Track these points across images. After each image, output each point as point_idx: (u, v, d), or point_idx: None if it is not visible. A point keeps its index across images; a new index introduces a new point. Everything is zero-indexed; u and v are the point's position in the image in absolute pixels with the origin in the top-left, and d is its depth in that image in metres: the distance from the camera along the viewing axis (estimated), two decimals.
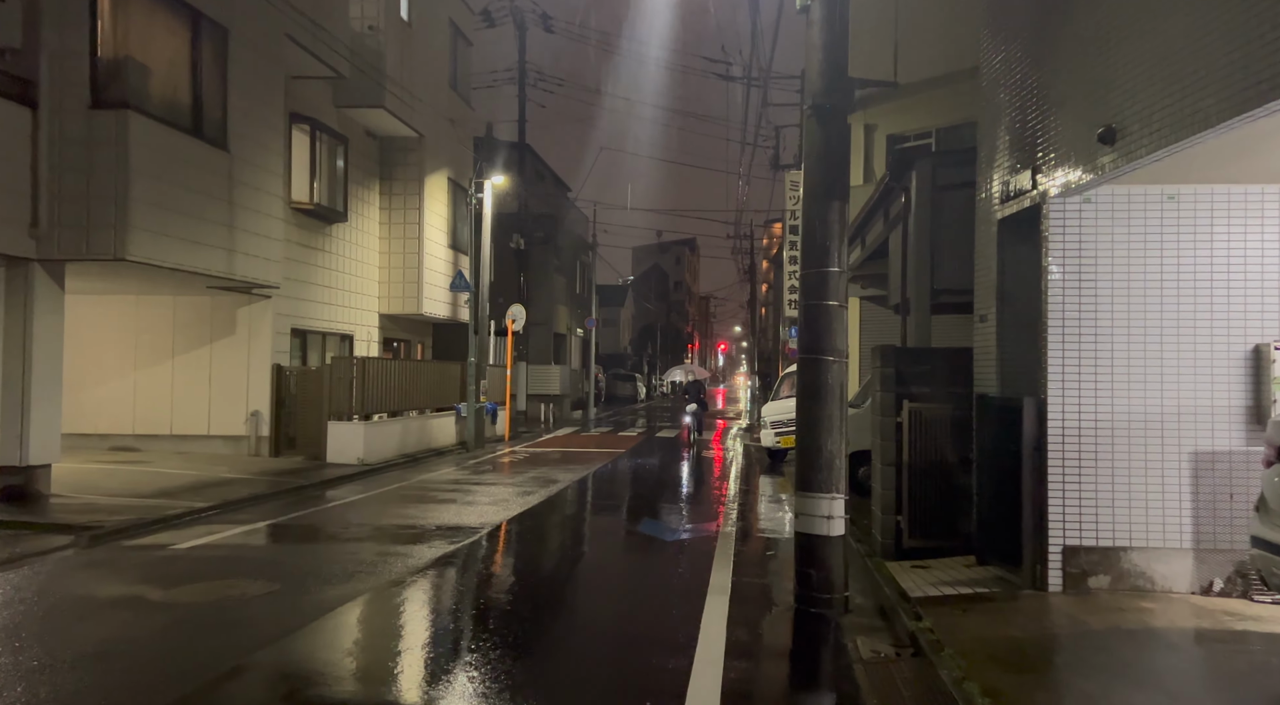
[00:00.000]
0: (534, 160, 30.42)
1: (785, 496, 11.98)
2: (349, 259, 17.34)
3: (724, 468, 15.67)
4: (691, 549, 8.23)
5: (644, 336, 62.33)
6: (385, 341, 19.32)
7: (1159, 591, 5.94)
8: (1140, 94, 4.87)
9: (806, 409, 6.35)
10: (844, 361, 6.37)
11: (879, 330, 15.28)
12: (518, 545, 8.40)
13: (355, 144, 17.36)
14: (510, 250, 27.79)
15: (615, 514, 10.62)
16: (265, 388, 14.44)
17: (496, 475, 13.71)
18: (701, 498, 11.84)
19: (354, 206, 17.42)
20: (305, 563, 7.28)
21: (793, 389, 17.82)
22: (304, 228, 15.47)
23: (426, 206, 18.96)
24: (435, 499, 11.11)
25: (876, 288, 14.72)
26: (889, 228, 10.11)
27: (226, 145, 11.53)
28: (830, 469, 6.21)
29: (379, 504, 10.76)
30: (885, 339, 15.21)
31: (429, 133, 18.83)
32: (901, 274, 8.54)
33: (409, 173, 18.77)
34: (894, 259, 10.21)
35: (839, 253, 6.30)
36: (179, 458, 13.75)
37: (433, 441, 17.41)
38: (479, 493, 11.58)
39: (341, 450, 14.30)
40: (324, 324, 16.37)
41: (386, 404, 15.51)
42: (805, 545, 6.19)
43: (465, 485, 12.41)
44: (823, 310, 6.31)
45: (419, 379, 17.11)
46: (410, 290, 18.79)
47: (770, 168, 31.39)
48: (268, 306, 14.41)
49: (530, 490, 11.84)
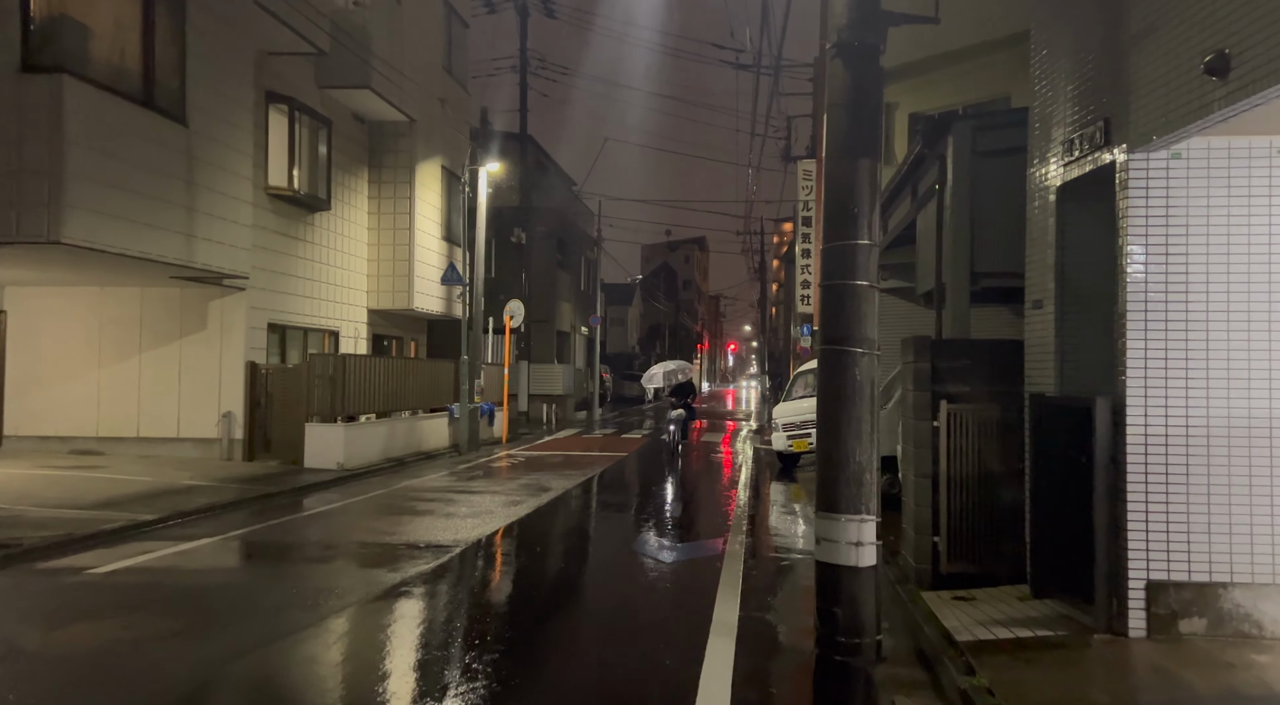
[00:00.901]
0: (536, 152, 29.39)
1: (799, 506, 10.87)
2: (334, 250, 16.31)
3: (732, 473, 14.56)
4: (693, 573, 7.14)
5: (652, 336, 61.24)
6: (375, 338, 18.30)
7: (1268, 638, 4.80)
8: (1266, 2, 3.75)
9: (829, 411, 5.24)
10: (874, 354, 5.26)
11: (901, 326, 14.11)
12: (490, 570, 7.32)
13: (341, 128, 16.34)
14: (511, 245, 26.76)
15: (609, 528, 9.53)
16: (239, 387, 13.41)
17: (485, 482, 12.64)
18: (707, 508, 10.73)
19: (339, 194, 16.39)
20: (232, 594, 6.22)
21: (807, 389, 16.69)
22: (283, 215, 14.45)
23: (418, 196, 17.92)
24: (412, 510, 10.04)
25: (899, 278, 13.57)
26: (918, 206, 9.00)
27: (184, 119, 10.50)
28: (859, 485, 5.10)
29: (348, 516, 9.71)
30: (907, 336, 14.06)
31: (421, 117, 17.80)
32: (936, 256, 7.42)
33: (399, 160, 17.73)
34: (924, 242, 9.10)
35: (869, 222, 5.20)
36: (143, 463, 12.73)
37: (423, 444, 16.37)
38: (461, 503, 10.51)
39: (320, 454, 13.26)
40: (305, 319, 15.34)
41: (371, 404, 14.47)
42: (828, 578, 5.08)
43: (449, 494, 11.35)
44: (849, 292, 5.20)
45: (409, 378, 16.07)
46: (401, 284, 17.75)
47: (782, 159, 30.28)
48: (241, 299, 13.38)
49: (518, 500, 10.77)
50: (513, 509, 10.03)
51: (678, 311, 70.48)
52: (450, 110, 18.79)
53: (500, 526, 8.90)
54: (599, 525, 9.59)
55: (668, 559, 7.56)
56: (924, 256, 9.00)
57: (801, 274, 21.74)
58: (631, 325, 58.46)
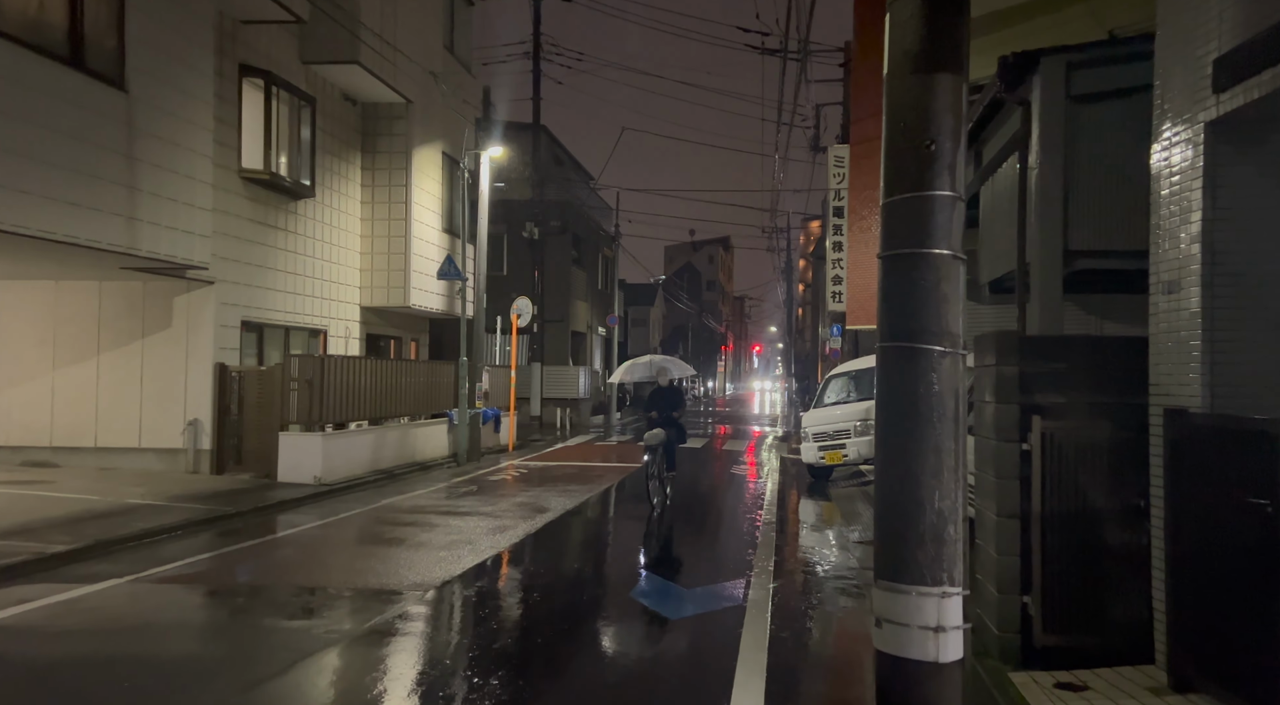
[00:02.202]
0: (550, 143, 27.98)
1: (834, 530, 9.30)
2: (321, 242, 14.95)
3: (756, 488, 12.99)
4: (706, 636, 5.61)
5: (675, 337, 59.70)
6: (369, 338, 16.92)
7: None
8: None
9: (893, 435, 3.69)
10: (960, 354, 3.69)
11: None
12: (446, 630, 5.82)
13: (329, 108, 14.98)
14: (524, 240, 25.35)
15: (608, 565, 8.02)
16: (207, 392, 12.06)
17: (477, 500, 11.18)
18: (726, 534, 9.19)
19: (327, 181, 15.02)
20: (74, 677, 4.77)
21: (840, 394, 15.09)
22: (259, 202, 13.08)
23: (416, 184, 16.52)
24: (378, 538, 8.59)
25: None
26: (982, 176, 7.42)
27: (123, 83, 9.12)
28: (938, 542, 3.55)
29: (299, 547, 8.28)
30: None
31: (418, 99, 16.40)
32: (1019, 232, 5.83)
33: (394, 145, 16.34)
34: (992, 219, 7.52)
35: (952, 164, 3.64)
36: (96, 477, 11.40)
37: (417, 454, 14.96)
38: (440, 528, 9.04)
39: (295, 467, 11.88)
40: (287, 316, 13.98)
41: (356, 411, 13.07)
42: (894, 677, 3.53)
43: (430, 515, 9.89)
44: (922, 265, 3.65)
45: (403, 381, 14.67)
46: (396, 280, 16.36)
47: (810, 150, 28.66)
48: (210, 294, 12.03)
49: (506, 525, 9.29)
50: (497, 538, 8.54)
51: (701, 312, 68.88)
52: (451, 90, 17.38)
53: (474, 564, 7.40)
54: (595, 560, 8.07)
55: (676, 615, 6.03)
56: (991, 237, 7.43)
57: (832, 269, 20.12)
58: (654, 326, 56.95)
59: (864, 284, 17.64)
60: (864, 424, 13.60)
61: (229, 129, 12.27)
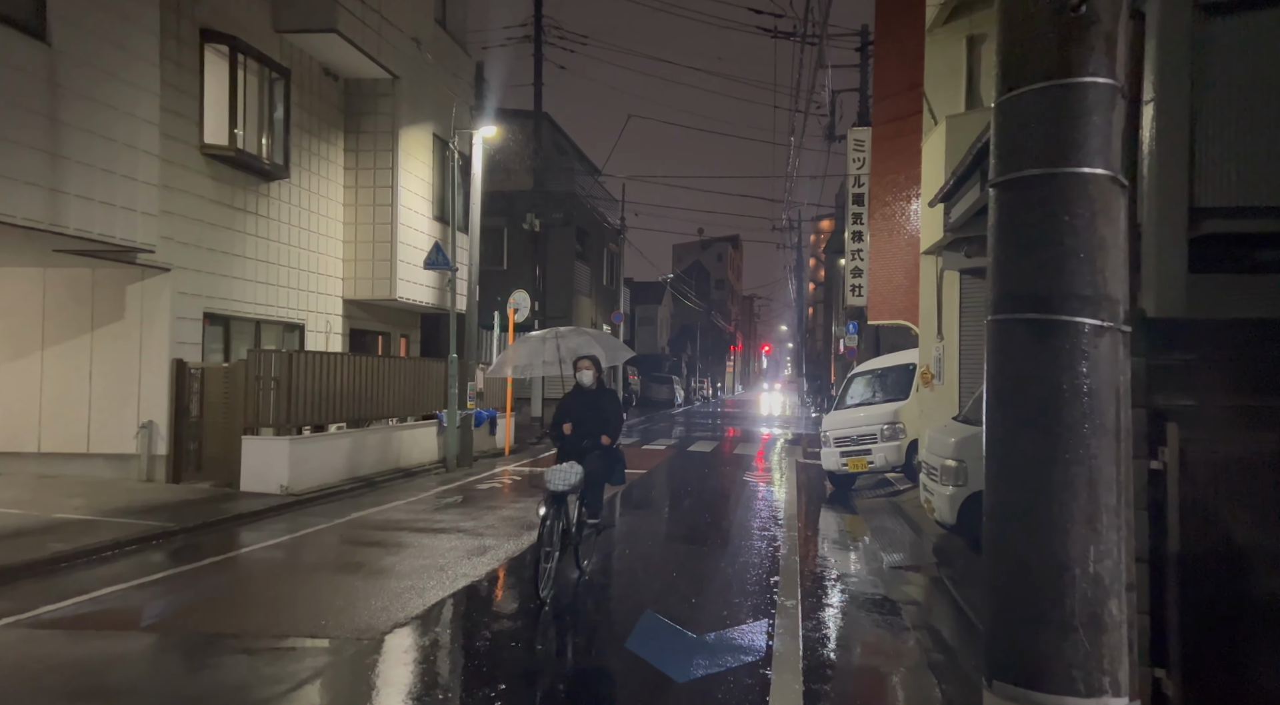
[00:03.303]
0: (552, 131, 26.74)
1: (864, 554, 8.01)
2: (298, 228, 13.73)
3: (771, 501, 11.70)
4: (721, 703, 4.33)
5: (683, 336, 58.40)
6: (353, 334, 15.69)
7: None
8: None
9: (1015, 457, 2.41)
10: (1122, 331, 2.39)
11: None
12: (383, 701, 4.56)
13: (307, 83, 13.76)
14: (525, 233, 24.12)
15: (600, 598, 6.74)
16: (163, 390, 10.84)
17: (460, 513, 9.93)
18: (742, 558, 7.90)
19: (304, 161, 13.80)
20: None
21: (866, 393, 13.77)
22: (225, 182, 11.86)
23: (403, 166, 15.29)
24: (335, 563, 7.35)
25: None
26: None
27: (43, 33, 7.89)
28: (1095, 627, 2.27)
29: (235, 576, 7.04)
30: None
31: (406, 75, 15.17)
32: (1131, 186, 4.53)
33: (379, 124, 15.12)
34: None
35: (1111, 35, 2.35)
36: (35, 485, 10.18)
37: (403, 459, 13.72)
38: (409, 551, 7.79)
39: (260, 475, 10.65)
40: (258, 309, 12.76)
41: (332, 412, 11.84)
42: None
43: (402, 533, 8.64)
44: (1066, 191, 2.35)
45: (387, 380, 13.43)
46: (382, 270, 15.13)
47: (825, 139, 27.33)
48: (165, 282, 10.81)
49: (488, 544, 8.02)
50: (472, 563, 7.27)
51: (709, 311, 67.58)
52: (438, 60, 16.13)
53: (436, 601, 6.13)
54: (584, 592, 6.80)
55: (682, 676, 4.74)
56: None
57: (851, 261, 18.81)
58: (661, 325, 55.68)
59: (886, 276, 16.33)
60: (891, 428, 12.31)
61: (189, 99, 11.06)
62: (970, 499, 7.79)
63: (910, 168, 15.92)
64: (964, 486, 7.81)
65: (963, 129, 10.33)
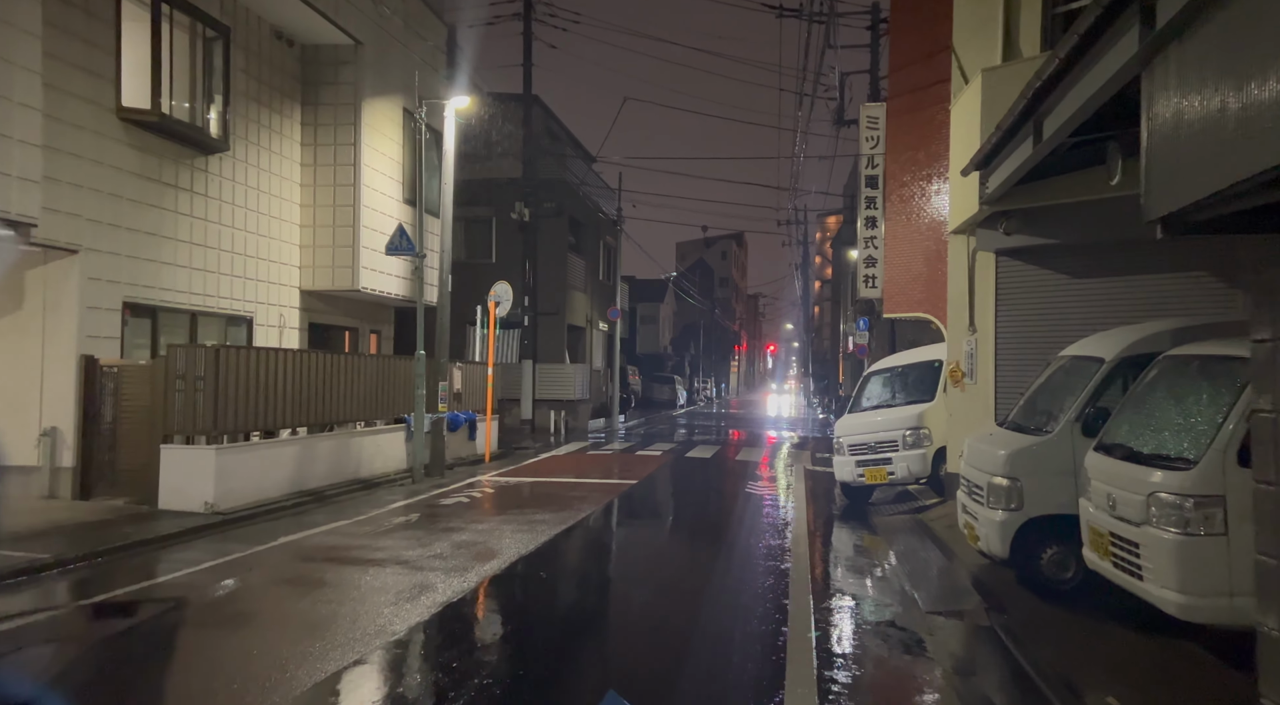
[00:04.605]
0: (544, 115, 25.18)
1: (895, 595, 6.45)
2: (245, 209, 12.21)
3: (778, 518, 10.14)
4: None
5: (686, 335, 56.82)
6: (313, 329, 14.17)
7: None
8: None
9: None
10: None
11: (1032, 305, 9.63)
12: None
13: (253, 46, 12.24)
14: (514, 224, 22.60)
15: (559, 659, 5.18)
16: (69, 392, 9.34)
17: (409, 537, 8.38)
18: (741, 602, 6.35)
19: (251, 134, 12.29)
20: None
21: (884, 394, 12.15)
22: (149, 152, 10.34)
23: (367, 142, 13.77)
24: (217, 616, 5.79)
25: (1032, 233, 9.10)
26: (1158, 41, 4.53)
27: None
28: None
29: (78, 635, 5.51)
30: (1042, 317, 9.58)
31: (371, 41, 13.66)
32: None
33: (340, 95, 13.60)
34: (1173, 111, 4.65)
35: None
36: None
37: (364, 469, 12.19)
38: (328, 592, 6.25)
39: (181, 490, 9.15)
40: (194, 299, 11.25)
41: (274, 416, 10.31)
42: None
43: (328, 567, 7.10)
44: None
45: (346, 380, 11.89)
46: (344, 258, 13.61)
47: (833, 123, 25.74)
48: (73, 266, 9.32)
49: (429, 582, 6.48)
50: (400, 612, 5.72)
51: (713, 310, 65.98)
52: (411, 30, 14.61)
53: (326, 677, 4.59)
54: (542, 650, 5.25)
55: None
56: (1176, 140, 4.58)
57: (864, 249, 17.22)
58: (664, 324, 54.12)
59: (904, 265, 14.76)
60: (915, 434, 10.74)
61: (102, 55, 9.56)
62: (1027, 527, 6.24)
63: (931, 143, 14.37)
64: (1019, 510, 6.25)
65: (1002, 83, 8.79)
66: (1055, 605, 5.94)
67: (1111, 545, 5.17)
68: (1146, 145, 4.83)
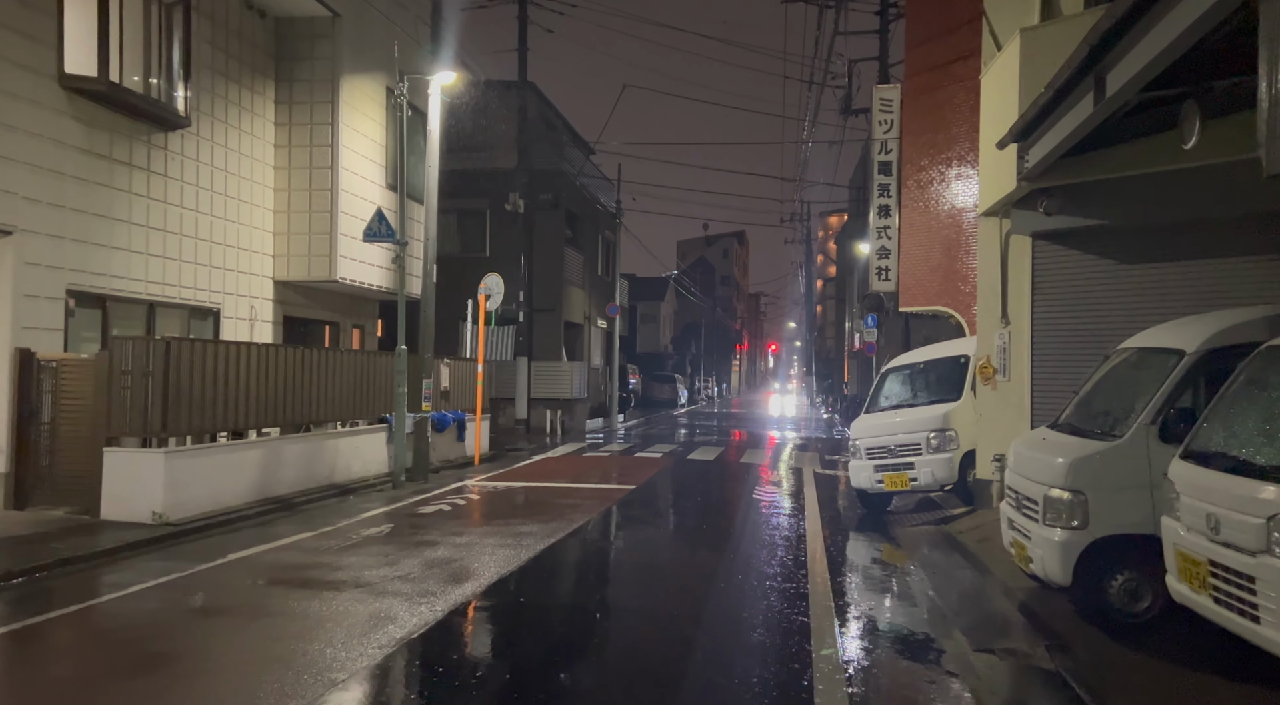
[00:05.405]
0: (539, 103, 24.23)
1: (920, 609, 5.49)
2: (210, 191, 11.26)
3: (789, 530, 9.18)
4: None
5: (687, 334, 55.85)
6: (289, 322, 13.22)
7: None
8: None
9: None
10: None
11: (1073, 294, 8.66)
12: None
13: (220, 16, 11.29)
14: (509, 216, 21.67)
15: None
16: (1, 390, 8.39)
17: (377, 553, 7.43)
18: (751, 628, 5.41)
19: (218, 110, 11.34)
20: None
21: (904, 393, 11.14)
22: (98, 126, 9.40)
23: (346, 122, 12.82)
24: (127, 657, 4.83)
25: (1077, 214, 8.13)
26: None
27: None
28: None
29: None
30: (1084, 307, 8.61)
31: (349, 14, 12.71)
32: None
33: (317, 71, 12.64)
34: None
35: None
36: None
37: (339, 473, 11.24)
38: (267, 623, 5.30)
39: (126, 498, 8.21)
40: (152, 288, 10.30)
41: (235, 416, 9.36)
42: None
43: (276, 590, 6.15)
44: None
45: (321, 377, 10.93)
46: (320, 245, 12.66)
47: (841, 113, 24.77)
48: (6, 250, 8.37)
49: (389, 612, 5.52)
50: (354, 649, 4.77)
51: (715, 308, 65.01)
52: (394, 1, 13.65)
53: None
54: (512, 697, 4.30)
55: None
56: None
57: (877, 240, 16.28)
58: (664, 322, 53.16)
59: (922, 255, 13.82)
60: (939, 436, 9.79)
61: (42, 17, 8.62)
62: (1093, 548, 5.28)
63: (950, 125, 13.41)
64: (1083, 529, 5.29)
65: (1044, 43, 7.84)
66: (1129, 644, 4.99)
67: (1211, 577, 4.22)
68: (1268, 86, 3.87)
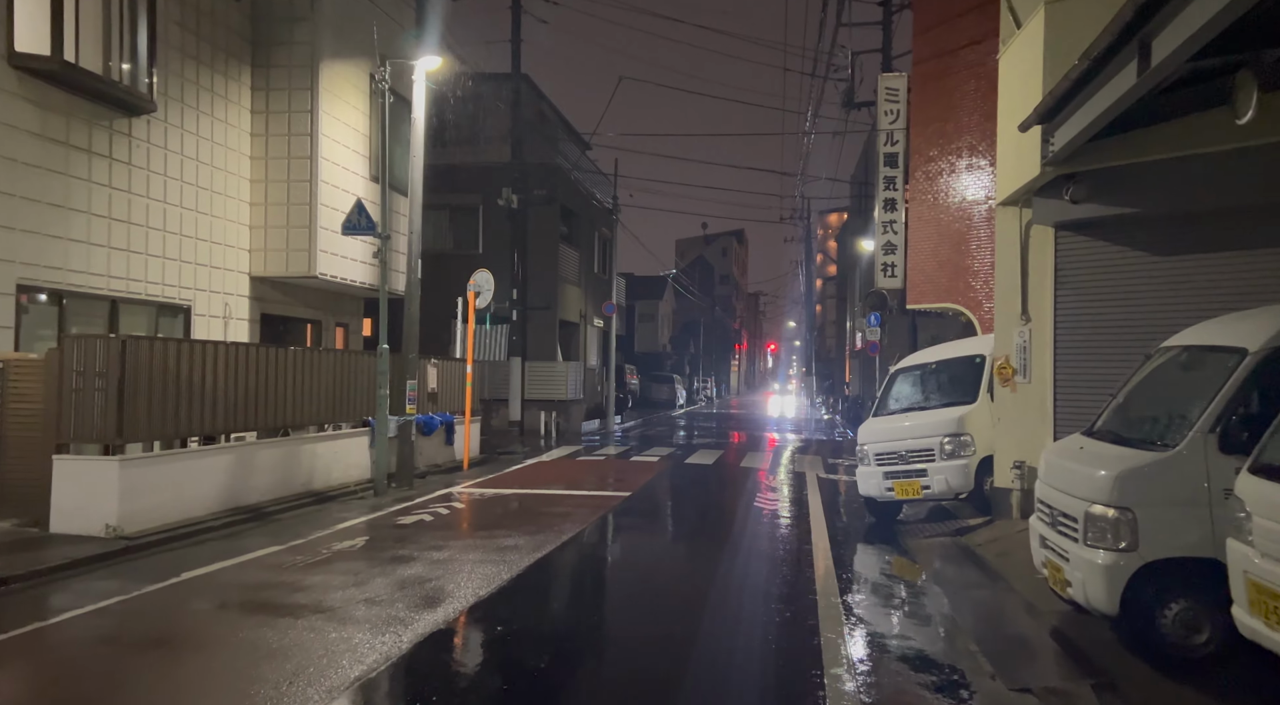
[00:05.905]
0: (533, 96, 23.60)
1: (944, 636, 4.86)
2: (181, 181, 10.64)
3: (793, 542, 8.55)
4: None
5: (686, 334, 55.21)
6: (266, 321, 12.59)
7: None
8: None
9: None
10: None
11: (1100, 289, 8.04)
12: None
13: None
14: (501, 211, 21.01)
15: None
16: None
17: (343, 571, 6.80)
18: (759, 660, 4.79)
19: (188, 96, 10.72)
20: None
21: (915, 395, 10.49)
22: (53, 109, 8.77)
23: (327, 110, 12.20)
24: (32, 701, 4.23)
25: (1106, 200, 7.51)
26: None
27: None
28: None
29: None
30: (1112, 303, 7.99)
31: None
32: None
33: (295, 55, 12.02)
34: None
35: None
36: None
37: (317, 480, 10.62)
38: (204, 663, 4.68)
39: (78, 509, 7.59)
40: (115, 284, 9.67)
41: (201, 420, 8.73)
42: None
43: (224, 616, 5.53)
44: None
45: (298, 378, 10.29)
46: (299, 239, 12.04)
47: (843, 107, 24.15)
48: None
49: (350, 642, 4.89)
50: (301, 694, 4.15)
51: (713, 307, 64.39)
52: None
53: None
54: None
55: None
56: None
57: (883, 235, 15.66)
58: (663, 322, 52.50)
59: (930, 250, 13.20)
60: (955, 441, 9.17)
61: None
62: (1143, 573, 4.65)
63: (960, 114, 12.80)
64: (1132, 551, 4.67)
65: (1071, 17, 7.22)
66: (1187, 683, 4.38)
67: None
68: None
